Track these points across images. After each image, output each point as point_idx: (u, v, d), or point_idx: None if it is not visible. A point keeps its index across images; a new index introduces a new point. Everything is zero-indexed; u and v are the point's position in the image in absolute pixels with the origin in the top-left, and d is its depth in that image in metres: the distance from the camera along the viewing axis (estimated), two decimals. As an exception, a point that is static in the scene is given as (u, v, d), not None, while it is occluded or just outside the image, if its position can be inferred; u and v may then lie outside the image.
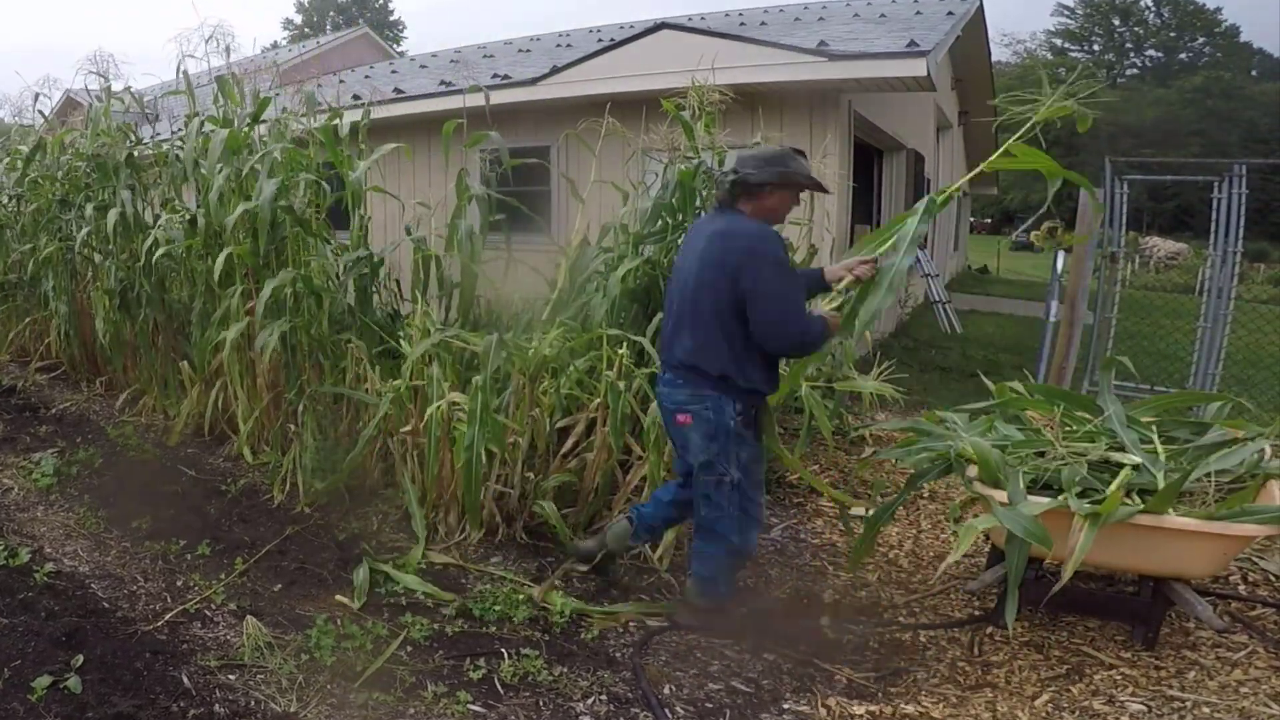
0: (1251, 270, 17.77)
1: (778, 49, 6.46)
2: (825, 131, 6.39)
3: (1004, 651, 2.88)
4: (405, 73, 12.34)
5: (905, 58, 6.00)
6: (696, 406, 2.79)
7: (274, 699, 2.53)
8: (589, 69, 7.34)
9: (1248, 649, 2.85)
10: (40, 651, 2.66)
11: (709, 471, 2.82)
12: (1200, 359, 5.82)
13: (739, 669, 2.80)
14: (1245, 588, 3.35)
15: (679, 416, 2.83)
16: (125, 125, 5.70)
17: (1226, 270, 5.72)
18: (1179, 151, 28.49)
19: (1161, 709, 2.53)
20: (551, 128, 7.88)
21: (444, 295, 4.77)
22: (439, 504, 3.78)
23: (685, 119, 4.31)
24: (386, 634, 2.91)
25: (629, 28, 11.92)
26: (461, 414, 3.57)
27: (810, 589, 3.39)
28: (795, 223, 4.80)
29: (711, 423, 2.77)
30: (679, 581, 3.37)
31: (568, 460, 3.71)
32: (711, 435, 2.78)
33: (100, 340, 5.75)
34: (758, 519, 2.96)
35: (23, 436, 5.19)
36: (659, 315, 4.29)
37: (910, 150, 9.04)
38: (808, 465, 4.78)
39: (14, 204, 6.83)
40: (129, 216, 5.30)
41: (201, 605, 3.10)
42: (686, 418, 2.81)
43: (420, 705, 2.54)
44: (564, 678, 2.69)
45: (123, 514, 3.94)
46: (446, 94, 8.19)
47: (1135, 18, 38.46)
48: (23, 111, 6.72)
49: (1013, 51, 40.95)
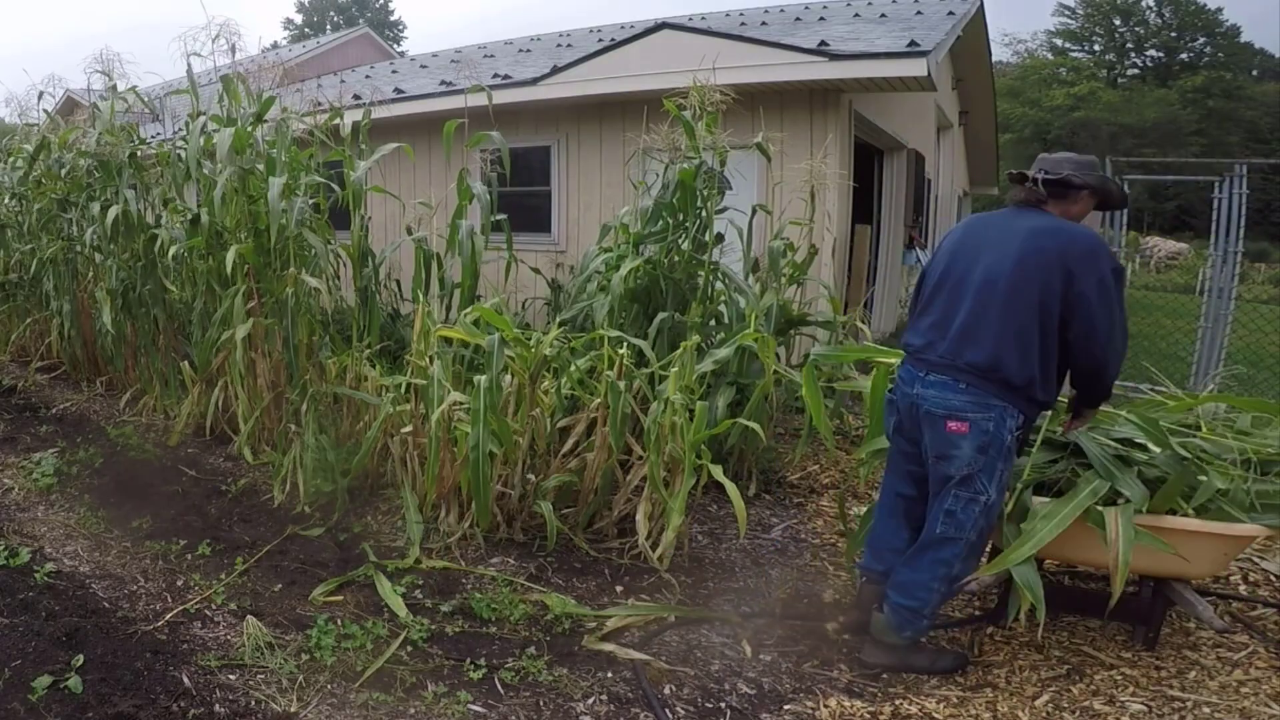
0: (1252, 270, 17.76)
1: (778, 49, 6.46)
2: (826, 131, 6.40)
3: (1004, 651, 2.88)
4: (406, 73, 12.34)
5: (906, 58, 6.00)
6: (977, 415, 2.54)
7: (274, 699, 2.53)
8: (590, 69, 7.34)
9: (1248, 649, 2.85)
10: (40, 651, 2.67)
11: (966, 487, 2.58)
12: (1201, 359, 5.82)
13: (740, 669, 2.80)
14: (1246, 588, 3.35)
15: (951, 423, 2.56)
16: (129, 125, 5.70)
17: (1227, 270, 5.73)
18: (1180, 151, 28.47)
19: (1162, 709, 2.53)
20: (552, 127, 7.90)
21: (444, 295, 4.78)
22: (439, 504, 3.78)
23: (686, 119, 4.31)
24: (386, 634, 2.91)
25: (629, 28, 11.93)
26: (463, 414, 3.57)
27: (812, 589, 3.39)
28: (795, 223, 4.82)
29: (989, 435, 2.53)
30: (679, 582, 3.37)
31: (568, 460, 3.71)
32: (983, 448, 2.54)
33: (101, 340, 5.76)
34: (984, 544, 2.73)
35: (23, 436, 5.20)
36: (660, 315, 4.30)
37: (911, 150, 9.03)
38: (808, 465, 4.79)
39: (16, 203, 6.84)
40: (131, 215, 5.30)
41: (202, 605, 3.10)
42: (962, 425, 2.55)
43: (420, 705, 2.54)
44: (564, 678, 2.69)
45: (123, 514, 3.94)
46: (447, 94, 8.19)
47: (1136, 18, 38.42)
48: (26, 111, 6.73)
49: (1013, 51, 40.92)
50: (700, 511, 4.12)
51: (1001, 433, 2.53)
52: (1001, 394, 2.53)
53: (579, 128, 7.72)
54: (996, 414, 2.53)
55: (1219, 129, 32.21)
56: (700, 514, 4.09)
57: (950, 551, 2.61)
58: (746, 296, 4.47)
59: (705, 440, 3.43)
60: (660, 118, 4.46)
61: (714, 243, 4.51)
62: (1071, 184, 2.62)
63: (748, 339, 3.96)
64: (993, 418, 2.53)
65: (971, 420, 2.54)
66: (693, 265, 4.50)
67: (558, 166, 7.88)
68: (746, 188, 6.13)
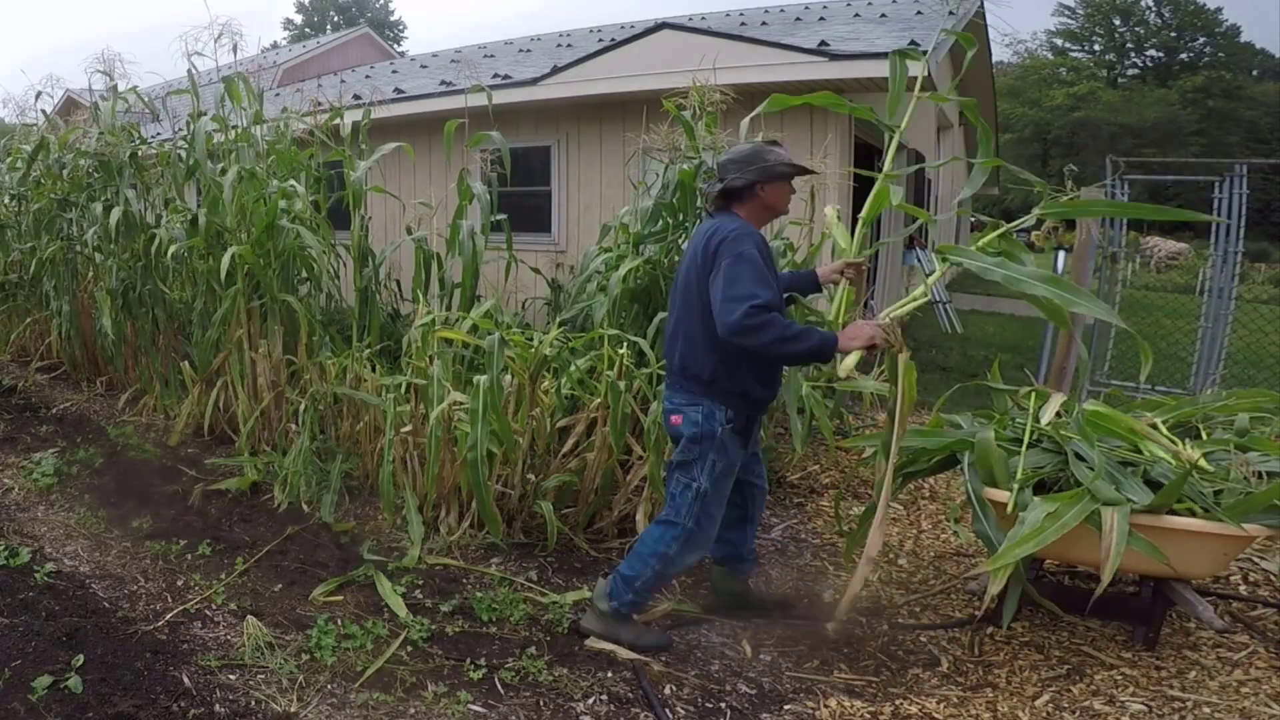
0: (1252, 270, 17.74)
1: (779, 49, 6.46)
2: (826, 131, 6.40)
3: (1004, 651, 2.88)
4: (406, 72, 12.34)
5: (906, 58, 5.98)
6: (689, 409, 2.74)
7: (274, 699, 2.53)
8: (590, 69, 7.34)
9: (1248, 649, 2.85)
10: (41, 651, 2.66)
11: (684, 473, 2.77)
12: (1201, 359, 5.82)
13: (740, 669, 2.80)
14: (1246, 588, 3.35)
15: (672, 417, 2.79)
16: (129, 124, 5.70)
17: (1227, 270, 5.73)
18: (1180, 151, 28.47)
19: (1162, 709, 2.53)
20: (552, 127, 7.90)
21: (444, 295, 4.78)
22: (439, 504, 3.78)
23: (686, 119, 4.30)
24: (387, 634, 2.91)
25: (630, 28, 11.93)
26: (463, 414, 3.57)
27: (810, 589, 3.39)
28: (795, 222, 4.81)
29: (699, 426, 2.72)
30: (679, 582, 3.37)
31: (568, 460, 3.71)
32: (696, 439, 2.73)
33: (101, 340, 5.75)
34: (707, 538, 2.84)
35: (23, 436, 5.20)
36: (660, 315, 4.30)
37: (911, 150, 9.04)
38: (808, 465, 4.78)
39: (15, 204, 6.84)
40: (132, 216, 5.30)
41: (202, 605, 3.10)
42: (678, 418, 2.77)
43: (420, 705, 2.54)
44: (564, 678, 2.69)
45: (123, 514, 3.94)
46: (447, 94, 8.19)
47: (1136, 18, 38.41)
48: (25, 111, 6.73)
49: (1013, 51, 40.94)
50: (700, 511, 4.11)
51: (711, 425, 2.71)
52: (704, 390, 2.73)
53: (579, 128, 7.72)
54: (705, 408, 2.72)
55: (1219, 129, 32.21)
56: (700, 514, 4.09)
57: (670, 532, 2.79)
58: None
59: (705, 440, 3.42)
60: (660, 118, 4.45)
61: (714, 243, 4.50)
62: (736, 188, 2.75)
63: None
64: (702, 411, 2.72)
65: (685, 413, 2.75)
66: (693, 265, 4.49)
67: (558, 166, 7.88)
68: (746, 188, 6.11)
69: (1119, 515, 2.52)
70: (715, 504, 2.80)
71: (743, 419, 2.77)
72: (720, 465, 2.75)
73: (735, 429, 2.74)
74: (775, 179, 2.77)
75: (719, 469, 2.75)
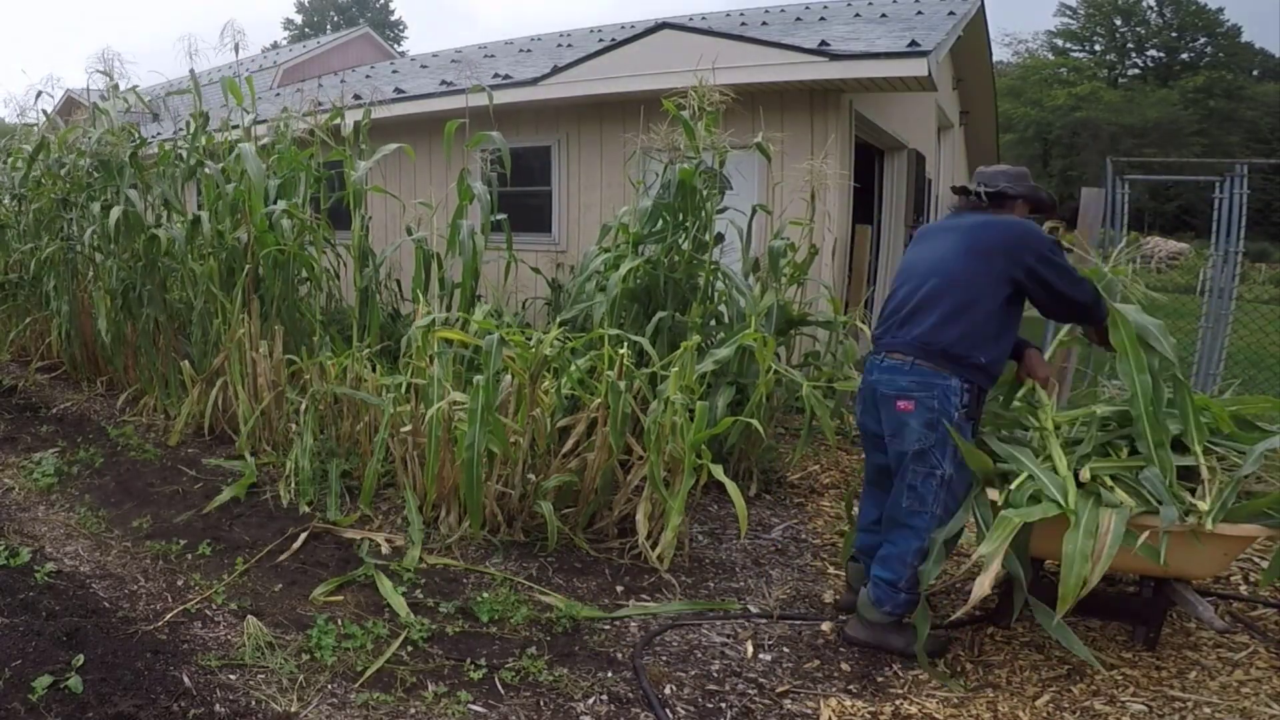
0: (1253, 270, 17.73)
1: (779, 49, 6.46)
2: (826, 131, 6.39)
3: (1005, 651, 2.88)
4: (406, 73, 12.34)
5: (906, 58, 5.99)
6: (921, 394, 2.71)
7: (274, 699, 2.53)
8: (590, 69, 7.33)
9: (1249, 649, 2.85)
10: (41, 651, 2.66)
11: (920, 463, 2.73)
12: (1202, 359, 5.82)
13: (740, 669, 2.80)
14: (1246, 588, 3.35)
15: (899, 403, 2.74)
16: (130, 124, 5.71)
17: (1228, 270, 5.72)
18: (1180, 152, 28.44)
19: (1162, 709, 2.52)
20: (552, 127, 7.90)
21: (445, 295, 4.78)
22: (439, 503, 3.78)
23: (686, 119, 4.30)
24: (387, 634, 2.91)
25: (629, 28, 11.93)
26: (462, 413, 3.57)
27: (812, 589, 3.39)
28: (796, 223, 4.81)
29: (934, 412, 2.69)
30: (679, 582, 3.37)
31: (568, 460, 3.71)
32: (932, 424, 2.69)
33: (101, 340, 5.76)
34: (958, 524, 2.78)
35: (23, 436, 5.20)
36: (659, 314, 4.30)
37: (911, 150, 9.03)
38: (808, 465, 4.78)
39: (16, 204, 6.84)
40: (132, 215, 5.31)
41: (202, 605, 3.10)
42: (908, 403, 2.73)
43: (421, 705, 2.54)
44: (564, 678, 2.69)
45: (123, 514, 3.94)
46: (448, 94, 8.19)
47: (1137, 18, 38.35)
48: (25, 111, 6.74)
49: (1014, 51, 40.87)
50: (700, 511, 4.11)
51: (948, 408, 2.71)
52: (944, 367, 2.71)
53: (579, 128, 7.72)
54: (940, 391, 2.70)
55: (1220, 129, 32.16)
56: (700, 514, 4.09)
57: (920, 522, 2.76)
58: (746, 296, 4.47)
59: (705, 440, 3.42)
60: (660, 118, 4.46)
61: (714, 243, 4.50)
62: (1006, 195, 2.92)
63: (748, 339, 3.96)
64: (936, 395, 2.70)
65: (917, 399, 2.73)
66: (693, 265, 4.50)
67: (558, 166, 7.88)
68: (746, 188, 6.12)
69: (1117, 516, 2.51)
70: (961, 487, 2.77)
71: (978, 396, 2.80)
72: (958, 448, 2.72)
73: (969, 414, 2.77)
74: (1035, 203, 3.02)
75: (959, 454, 2.71)
